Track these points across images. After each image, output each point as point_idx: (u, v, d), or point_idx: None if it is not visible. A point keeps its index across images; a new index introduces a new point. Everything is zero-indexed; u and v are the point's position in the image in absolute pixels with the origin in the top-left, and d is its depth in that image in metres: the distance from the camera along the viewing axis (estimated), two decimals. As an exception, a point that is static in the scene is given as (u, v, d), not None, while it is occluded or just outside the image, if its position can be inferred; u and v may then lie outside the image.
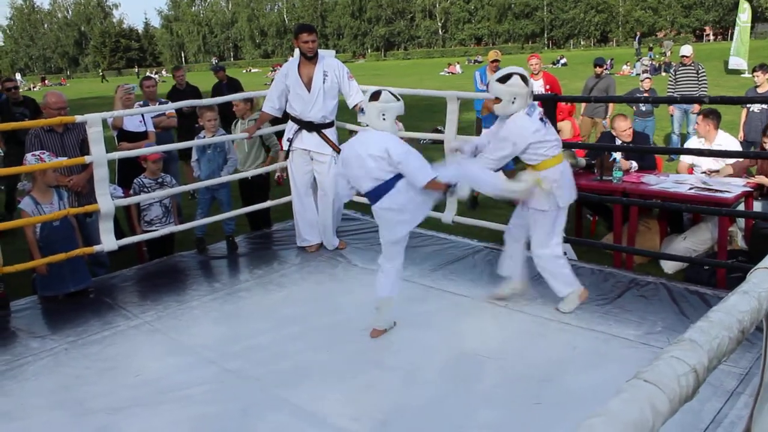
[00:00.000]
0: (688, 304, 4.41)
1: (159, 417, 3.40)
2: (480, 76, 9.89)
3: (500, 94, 4.06)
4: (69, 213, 5.04)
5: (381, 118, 3.93)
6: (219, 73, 12.07)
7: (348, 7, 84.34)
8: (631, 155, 6.20)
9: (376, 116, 3.93)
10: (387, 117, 3.94)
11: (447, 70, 41.49)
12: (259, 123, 6.20)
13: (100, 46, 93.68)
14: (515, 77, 4.03)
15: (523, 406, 3.35)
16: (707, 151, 5.62)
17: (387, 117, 3.94)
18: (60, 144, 5.41)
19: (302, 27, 5.67)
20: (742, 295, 1.46)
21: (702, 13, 64.38)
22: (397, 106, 3.97)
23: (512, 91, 4.02)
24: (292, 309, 4.75)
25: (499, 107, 4.13)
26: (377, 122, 3.95)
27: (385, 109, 3.92)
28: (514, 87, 4.02)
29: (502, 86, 4.04)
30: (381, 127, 3.95)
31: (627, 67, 31.09)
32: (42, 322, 4.74)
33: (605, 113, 9.97)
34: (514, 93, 4.02)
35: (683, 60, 10.46)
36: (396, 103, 3.97)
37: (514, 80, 4.02)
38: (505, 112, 4.12)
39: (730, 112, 13.53)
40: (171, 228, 5.90)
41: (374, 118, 3.94)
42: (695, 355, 1.19)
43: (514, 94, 4.02)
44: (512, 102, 4.04)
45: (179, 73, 9.79)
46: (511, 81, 4.03)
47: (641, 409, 1.03)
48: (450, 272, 5.26)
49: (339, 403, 3.45)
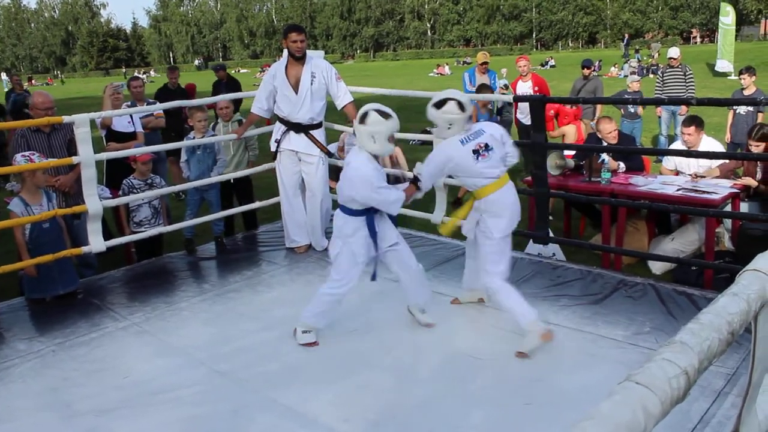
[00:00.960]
0: (676, 305, 4.43)
1: (148, 419, 3.38)
2: (469, 77, 9.94)
3: (435, 120, 4.03)
4: (57, 214, 5.00)
5: (372, 141, 3.84)
6: (219, 72, 12.09)
7: (337, 8, 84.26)
8: (618, 156, 6.24)
9: (366, 139, 3.84)
10: (377, 139, 3.83)
11: (436, 71, 41.55)
12: (247, 125, 6.19)
13: (88, 45, 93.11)
14: (450, 103, 3.96)
15: (514, 406, 3.36)
16: (695, 153, 5.66)
17: (377, 139, 3.83)
18: (47, 144, 5.37)
19: (291, 27, 5.66)
20: (732, 297, 1.47)
21: (689, 15, 64.79)
22: (386, 127, 3.83)
23: (447, 118, 3.97)
24: (282, 310, 4.73)
25: (435, 131, 4.18)
26: (368, 145, 3.85)
27: (374, 132, 3.81)
28: (448, 114, 3.96)
29: (436, 112, 4.00)
30: (371, 149, 3.86)
31: (615, 69, 31.25)
32: (29, 323, 4.69)
33: (593, 115, 10.01)
34: (449, 120, 3.97)
35: (671, 62, 10.52)
36: (385, 124, 3.82)
37: (449, 107, 3.96)
38: (440, 137, 4.14)
39: (717, 114, 13.66)
40: (160, 229, 5.88)
41: (365, 140, 3.85)
42: (686, 357, 1.20)
43: (449, 121, 3.97)
44: (448, 128, 4.00)
45: (174, 74, 9.79)
46: (446, 108, 3.96)
47: (633, 412, 1.03)
48: (440, 273, 5.26)
49: (330, 404, 3.45)
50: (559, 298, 4.66)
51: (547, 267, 5.31)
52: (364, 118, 3.84)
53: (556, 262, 5.47)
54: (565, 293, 4.75)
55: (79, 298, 5.06)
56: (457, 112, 3.96)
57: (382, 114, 3.83)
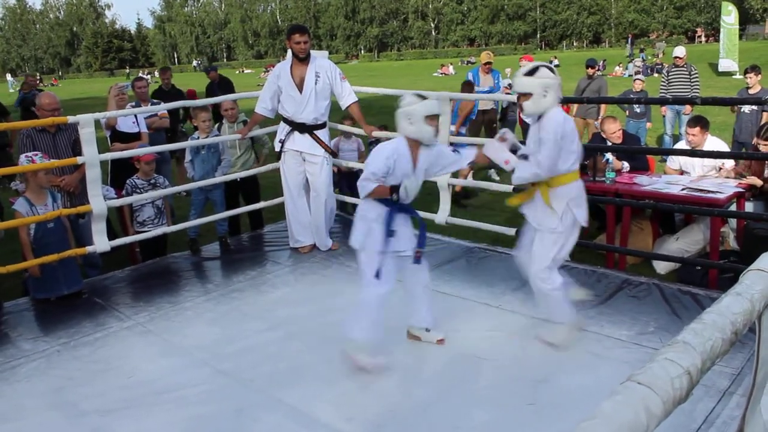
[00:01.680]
0: (681, 305, 4.42)
1: (152, 418, 3.39)
2: (473, 77, 9.92)
3: (531, 88, 3.63)
4: (62, 214, 5.01)
5: (408, 123, 3.68)
6: (211, 74, 12.12)
7: (341, 8, 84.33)
8: (622, 156, 6.22)
9: (403, 121, 3.69)
10: (413, 120, 3.66)
11: (440, 71, 41.55)
12: (251, 124, 6.20)
13: (93, 46, 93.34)
14: (543, 69, 3.67)
15: (517, 407, 3.35)
16: (699, 152, 5.64)
17: (413, 120, 3.66)
18: (52, 144, 5.38)
19: (294, 28, 5.67)
20: (735, 296, 1.47)
21: (694, 14, 64.63)
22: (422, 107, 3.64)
23: (544, 83, 3.61)
24: (286, 310, 4.74)
25: (529, 104, 3.67)
26: (405, 127, 3.69)
27: (408, 113, 3.66)
28: (545, 78, 3.63)
29: (531, 79, 3.64)
30: (408, 131, 3.68)
31: (619, 69, 31.22)
32: (34, 323, 4.71)
33: (597, 114, 10.00)
34: (546, 85, 3.61)
35: (676, 61, 10.49)
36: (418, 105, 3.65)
37: (543, 72, 3.65)
38: (537, 108, 3.68)
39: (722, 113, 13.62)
40: (164, 229, 5.89)
41: (402, 122, 3.70)
42: (689, 357, 1.19)
43: (546, 86, 3.61)
44: (544, 95, 3.62)
45: (166, 75, 9.81)
46: (540, 72, 3.65)
47: (635, 412, 1.03)
48: (444, 273, 5.26)
49: (333, 404, 3.45)
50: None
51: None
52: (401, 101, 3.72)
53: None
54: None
55: (83, 298, 5.07)
56: (552, 76, 3.65)
57: (419, 95, 3.71)
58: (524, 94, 3.67)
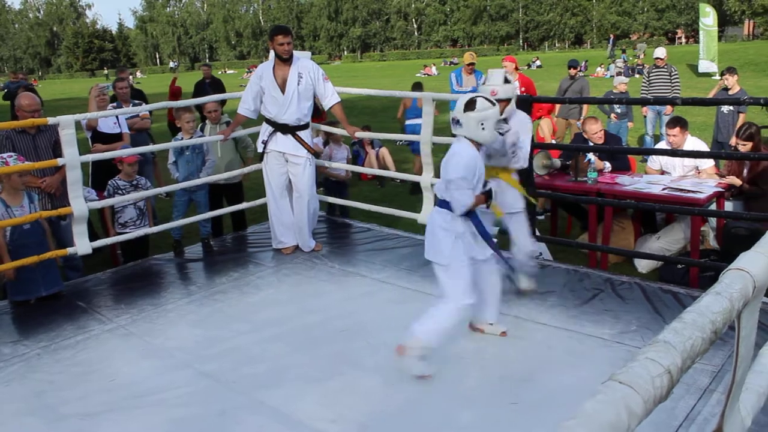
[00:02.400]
0: (662, 303, 4.46)
1: (135, 421, 3.36)
2: (456, 77, 9.95)
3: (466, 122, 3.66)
4: (41, 216, 4.96)
5: (480, 128, 3.61)
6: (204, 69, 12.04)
7: (324, 9, 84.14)
8: (604, 156, 6.27)
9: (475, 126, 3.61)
10: (486, 125, 3.61)
11: (423, 71, 41.58)
12: (234, 125, 6.17)
13: (73, 46, 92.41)
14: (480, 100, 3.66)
15: (501, 406, 3.37)
16: (680, 152, 5.69)
17: (486, 125, 3.61)
18: (32, 145, 5.32)
19: (277, 29, 5.65)
20: (715, 296, 1.48)
21: (675, 15, 65.17)
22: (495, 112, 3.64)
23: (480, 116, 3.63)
24: (269, 311, 4.73)
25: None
26: (477, 132, 3.62)
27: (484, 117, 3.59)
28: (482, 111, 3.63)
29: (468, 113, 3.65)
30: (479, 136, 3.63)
31: (601, 69, 31.41)
32: (13, 327, 4.66)
33: (579, 114, 10.07)
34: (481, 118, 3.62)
35: (657, 62, 10.58)
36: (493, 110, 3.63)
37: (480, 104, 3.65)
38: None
39: (702, 113, 13.77)
40: (145, 230, 5.85)
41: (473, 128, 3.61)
42: (669, 356, 1.20)
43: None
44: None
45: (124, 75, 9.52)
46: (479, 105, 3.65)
47: (617, 411, 1.04)
48: (428, 273, 5.24)
49: (317, 406, 3.44)
50: (546, 298, 4.67)
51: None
52: (472, 105, 3.60)
53: (543, 261, 5.48)
54: (552, 292, 4.76)
55: (64, 300, 5.01)
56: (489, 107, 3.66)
57: (489, 101, 3.66)
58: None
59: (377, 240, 6.20)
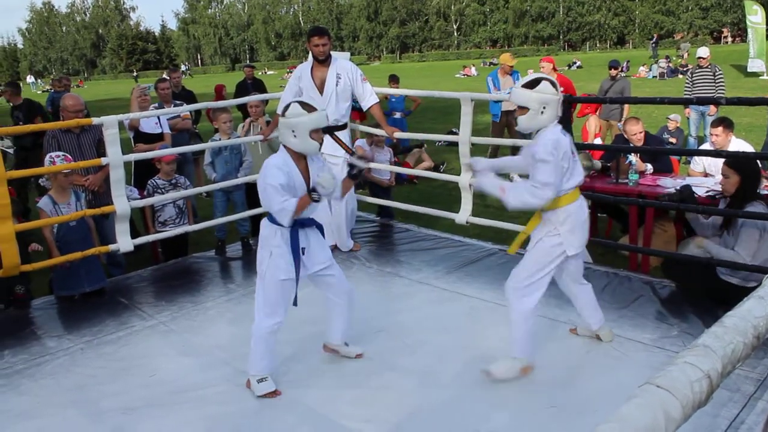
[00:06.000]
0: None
1: (173, 417, 3.42)
2: (492, 80, 9.88)
3: (527, 102, 3.38)
4: (86, 214, 5.08)
5: (291, 135, 3.42)
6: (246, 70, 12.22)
7: (363, 10, 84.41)
8: (646, 158, 6.16)
9: (286, 133, 3.44)
10: (297, 133, 3.40)
11: (462, 72, 41.43)
12: (273, 125, 6.22)
13: (117, 48, 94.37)
14: (544, 83, 3.38)
15: (537, 410, 3.33)
16: (723, 153, 5.56)
17: (297, 133, 3.40)
18: (77, 144, 5.46)
19: (313, 30, 5.69)
20: (758, 300, 1.44)
21: (720, 14, 63.74)
22: (308, 119, 3.37)
23: (542, 98, 3.35)
24: (307, 310, 4.71)
25: (524, 119, 3.42)
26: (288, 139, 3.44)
27: (292, 125, 3.39)
28: (545, 93, 3.35)
29: (529, 92, 3.37)
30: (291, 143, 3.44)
31: (644, 69, 30.89)
32: (58, 321, 4.78)
33: (620, 116, 9.90)
34: (544, 101, 3.35)
35: (700, 62, 10.36)
36: (307, 116, 3.37)
37: (543, 86, 3.37)
38: (531, 124, 3.43)
39: (748, 114, 13.44)
40: (185, 228, 5.93)
41: (285, 134, 3.45)
42: (709, 360, 1.18)
43: (544, 101, 3.35)
44: (541, 112, 3.37)
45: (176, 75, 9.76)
46: (541, 87, 3.36)
47: (654, 415, 1.02)
48: (465, 275, 5.25)
49: (352, 405, 3.46)
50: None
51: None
52: (285, 109, 3.43)
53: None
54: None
55: (107, 296, 5.13)
56: (553, 92, 3.37)
57: (305, 106, 3.40)
58: (521, 108, 3.43)
59: (415, 240, 6.19)
